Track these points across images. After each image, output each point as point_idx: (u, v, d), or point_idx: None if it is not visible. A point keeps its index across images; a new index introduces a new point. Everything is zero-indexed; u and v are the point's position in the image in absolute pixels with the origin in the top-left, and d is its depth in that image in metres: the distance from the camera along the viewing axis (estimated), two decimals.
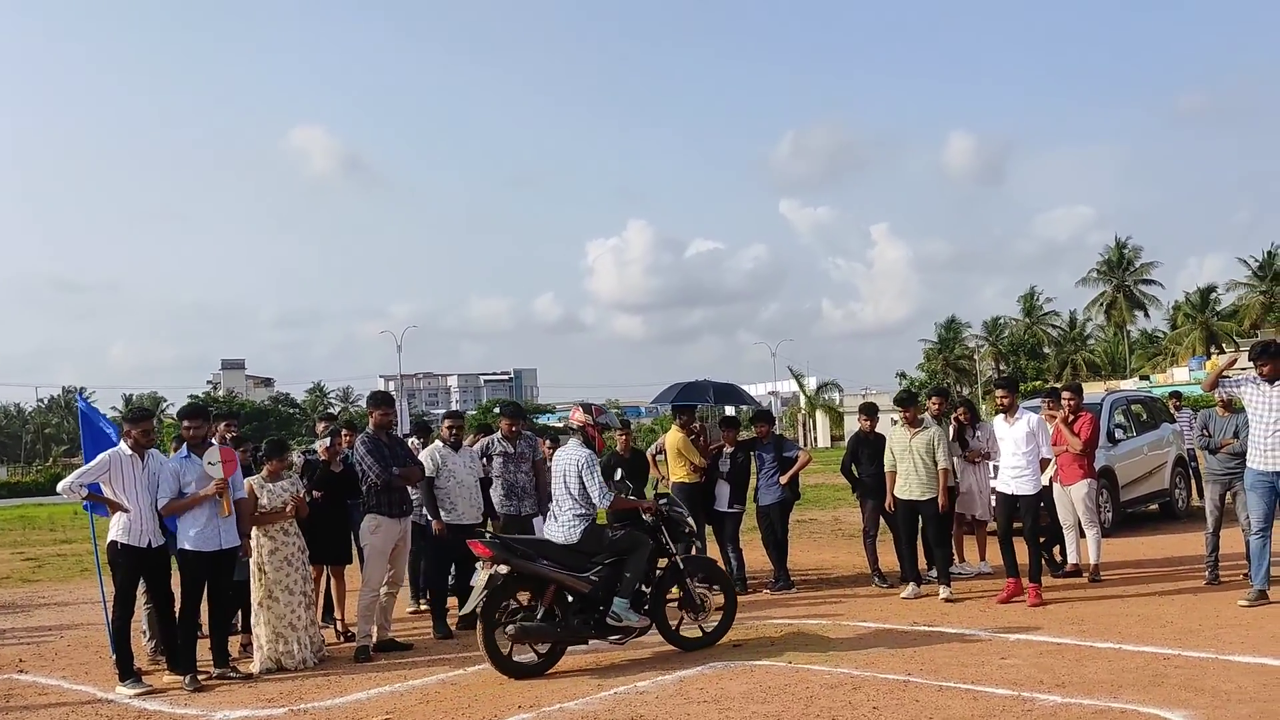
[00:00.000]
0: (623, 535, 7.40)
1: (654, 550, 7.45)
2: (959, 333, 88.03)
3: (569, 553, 7.21)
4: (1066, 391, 9.83)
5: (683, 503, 9.22)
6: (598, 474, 7.34)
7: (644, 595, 7.34)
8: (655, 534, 7.50)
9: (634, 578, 7.19)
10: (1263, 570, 8.08)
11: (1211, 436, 9.24)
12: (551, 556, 7.14)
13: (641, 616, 7.24)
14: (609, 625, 7.13)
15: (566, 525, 7.33)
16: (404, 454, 8.34)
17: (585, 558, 7.22)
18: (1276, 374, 8.00)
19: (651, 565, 7.44)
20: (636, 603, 7.24)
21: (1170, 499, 14.26)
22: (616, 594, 7.11)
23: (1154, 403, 15.92)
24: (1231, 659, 6.33)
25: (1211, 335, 70.07)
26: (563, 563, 7.13)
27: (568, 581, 7.09)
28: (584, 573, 7.15)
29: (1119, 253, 78.48)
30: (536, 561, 7.06)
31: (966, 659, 6.72)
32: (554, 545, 7.26)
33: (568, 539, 7.28)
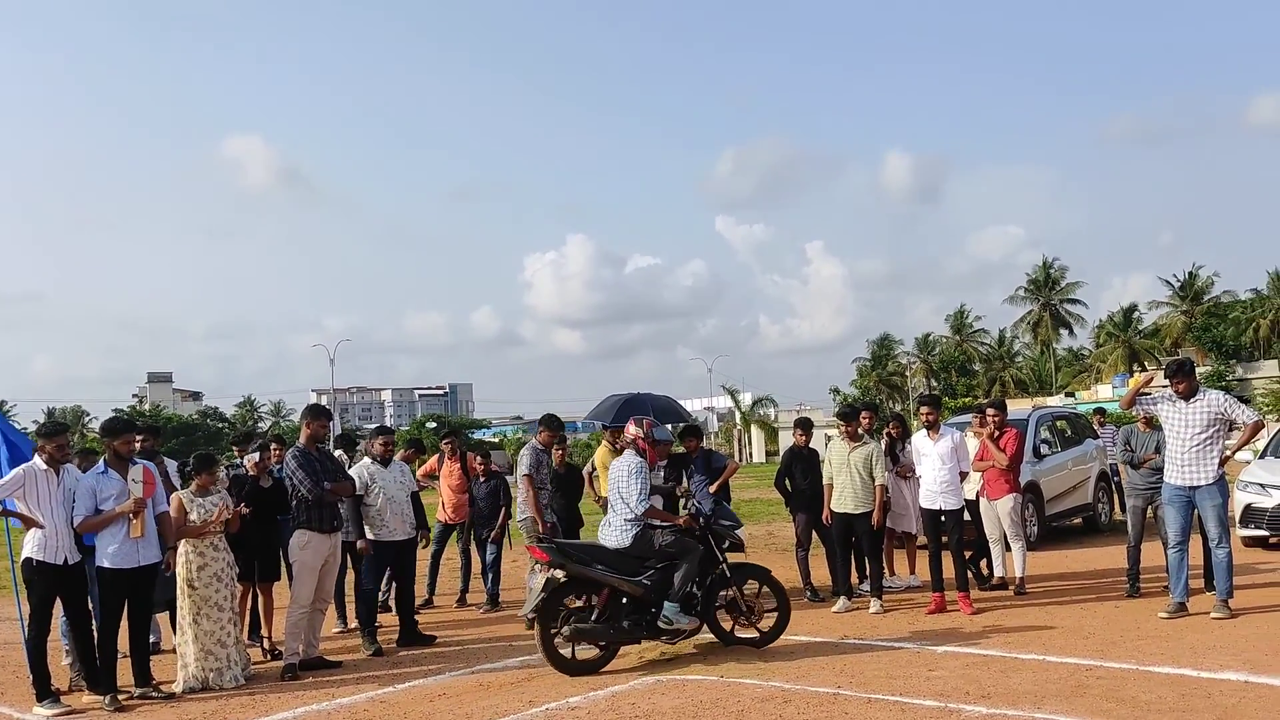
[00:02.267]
0: (673, 541, 7.56)
1: (705, 556, 7.64)
2: (892, 350, 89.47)
3: (622, 557, 7.48)
4: (991, 408, 10.03)
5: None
6: (637, 483, 7.56)
7: (694, 599, 7.58)
8: (705, 542, 7.70)
9: (684, 582, 7.42)
10: (1181, 583, 8.30)
11: (1134, 452, 9.49)
12: (605, 561, 7.45)
13: (691, 619, 7.51)
14: (660, 627, 7.39)
15: (619, 530, 7.57)
16: (335, 468, 8.23)
17: (638, 562, 7.50)
18: (1191, 391, 8.25)
19: (703, 571, 7.66)
20: (686, 606, 7.47)
21: (1094, 513, 14.60)
22: (667, 598, 7.36)
23: (1078, 419, 16.30)
24: (1152, 670, 6.49)
25: (1134, 353, 72.04)
26: (616, 567, 7.43)
27: (621, 585, 7.36)
28: (637, 577, 7.42)
29: (1045, 272, 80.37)
30: (591, 566, 7.39)
31: (895, 671, 6.80)
32: (608, 550, 7.53)
33: (620, 544, 7.52)
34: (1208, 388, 8.55)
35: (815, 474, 9.84)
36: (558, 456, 10.48)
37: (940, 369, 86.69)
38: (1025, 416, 14.02)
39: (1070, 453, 14.41)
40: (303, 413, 8.55)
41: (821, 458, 9.83)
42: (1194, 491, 8.23)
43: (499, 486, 10.63)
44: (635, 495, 7.53)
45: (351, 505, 8.57)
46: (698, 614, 7.58)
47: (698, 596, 7.61)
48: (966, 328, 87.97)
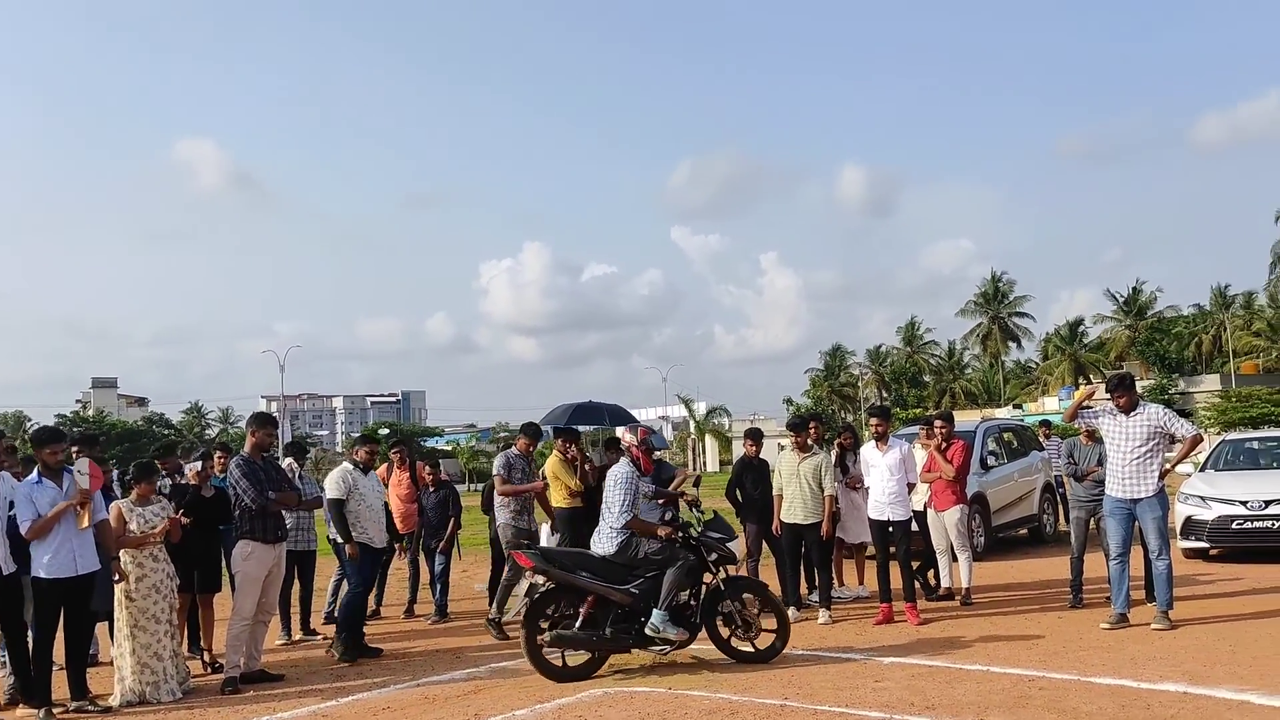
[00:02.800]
0: (659, 550, 7.48)
1: (697, 567, 7.56)
2: (844, 360, 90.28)
3: (609, 565, 7.43)
4: (939, 420, 10.12)
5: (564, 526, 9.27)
6: (623, 492, 7.55)
7: (689, 609, 7.51)
8: (697, 551, 7.61)
9: (670, 591, 7.32)
10: (1122, 594, 8.42)
11: (1077, 464, 9.64)
12: (591, 568, 7.40)
13: (680, 630, 7.36)
14: (647, 636, 7.31)
15: (606, 538, 7.54)
16: (280, 477, 8.10)
17: (626, 570, 7.42)
18: (1132, 405, 8.39)
19: (695, 581, 7.59)
20: (677, 616, 7.38)
21: (1039, 524, 14.80)
22: (655, 606, 7.28)
23: (1024, 431, 16.52)
24: (1093, 680, 6.56)
25: (1080, 366, 73.26)
26: (602, 574, 7.37)
27: (605, 593, 7.30)
28: (624, 585, 7.35)
29: (995, 286, 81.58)
30: (574, 573, 7.34)
31: (842, 682, 6.83)
32: (595, 557, 7.50)
33: (606, 551, 7.48)
34: (1148, 402, 8.69)
35: (766, 484, 9.86)
36: None
37: (892, 380, 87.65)
38: (972, 428, 14.18)
39: (1016, 464, 14.60)
40: (248, 420, 8.41)
41: (772, 468, 9.86)
42: (1135, 504, 8.35)
43: (448, 496, 10.54)
44: (619, 504, 7.52)
45: (336, 510, 8.50)
46: (690, 625, 7.47)
47: (693, 607, 7.55)
48: (918, 339, 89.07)
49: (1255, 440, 14.45)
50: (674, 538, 7.56)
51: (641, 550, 7.48)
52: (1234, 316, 71.13)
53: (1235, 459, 13.33)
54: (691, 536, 7.66)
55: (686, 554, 7.51)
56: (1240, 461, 13.27)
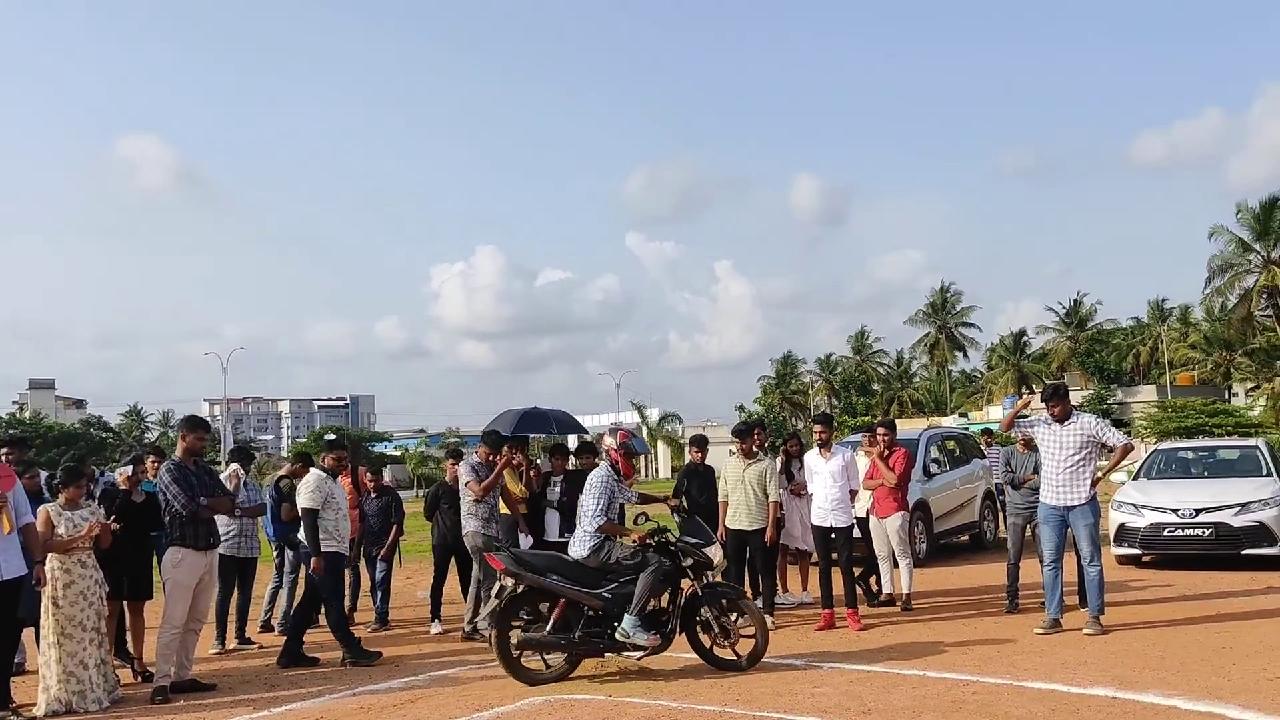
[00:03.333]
0: (633, 554, 7.40)
1: (672, 572, 7.47)
2: (795, 368, 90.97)
3: (581, 568, 7.38)
4: (882, 428, 10.22)
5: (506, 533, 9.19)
6: (598, 495, 7.51)
7: (664, 615, 7.42)
8: (675, 557, 7.48)
9: (641, 596, 7.23)
10: (1056, 600, 8.56)
11: (1014, 472, 9.78)
12: (564, 572, 7.36)
13: (651, 636, 7.25)
14: (617, 641, 7.24)
15: (580, 541, 7.50)
16: (213, 483, 7.96)
17: (599, 574, 7.35)
18: (1066, 414, 8.54)
19: (671, 587, 7.49)
20: (649, 622, 7.30)
21: (980, 530, 15.00)
22: (626, 612, 7.20)
23: (967, 439, 16.75)
24: (1025, 685, 6.65)
25: (1023, 376, 74.47)
26: (574, 578, 7.33)
27: (576, 596, 7.27)
28: (596, 589, 7.30)
29: (943, 297, 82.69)
30: (546, 576, 7.30)
31: (781, 688, 6.85)
32: (568, 561, 7.47)
33: (579, 555, 7.45)
34: (1081, 411, 8.85)
35: (711, 490, 9.89)
36: (453, 472, 10.33)
37: (841, 388, 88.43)
38: (916, 436, 14.34)
39: (958, 472, 14.79)
40: (179, 424, 8.25)
41: (718, 474, 9.89)
42: (1068, 511, 8.50)
43: (390, 502, 10.44)
44: (592, 508, 7.48)
45: (310, 520, 8.43)
46: (664, 631, 7.37)
47: (669, 613, 7.46)
48: (867, 348, 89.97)
49: (1187, 450, 14.77)
50: (647, 542, 7.48)
51: (614, 555, 7.42)
52: (1170, 329, 72.72)
53: (1168, 468, 13.61)
54: (668, 541, 7.54)
55: (660, 559, 7.42)
56: (1173, 470, 13.56)
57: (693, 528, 7.79)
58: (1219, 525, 11.44)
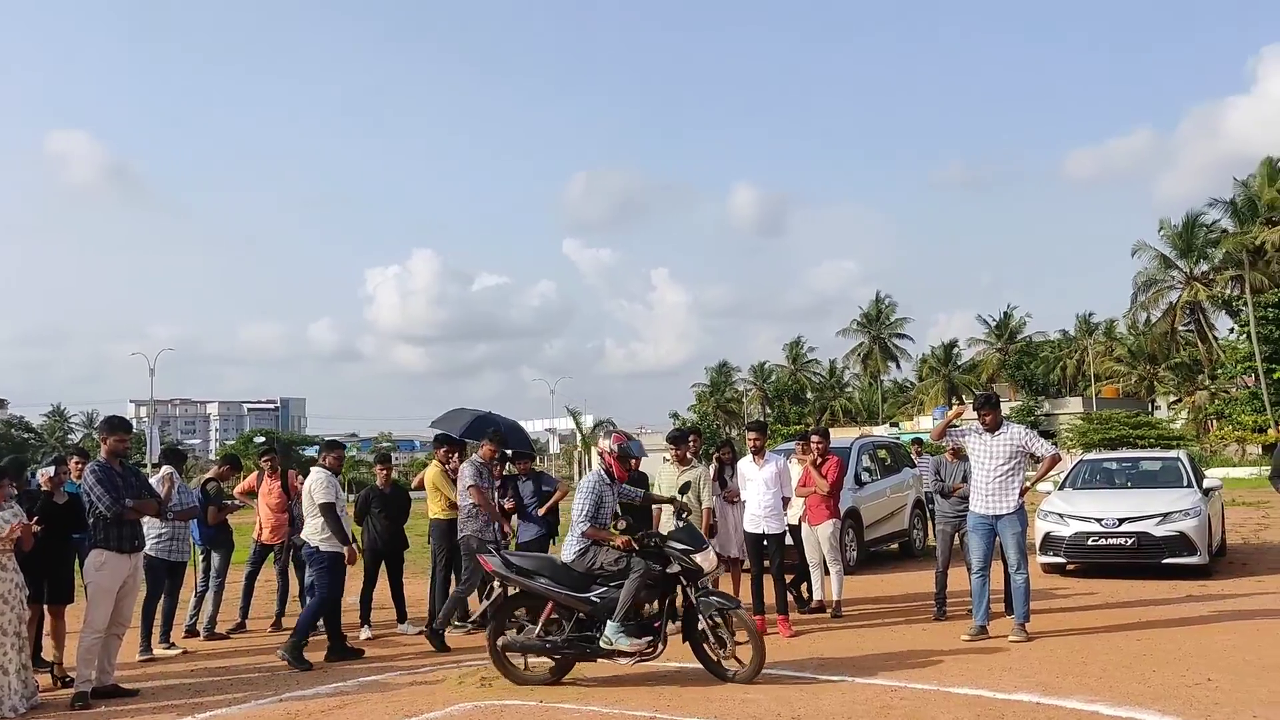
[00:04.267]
0: (617, 560, 7.22)
1: (662, 578, 7.27)
2: (730, 377, 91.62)
3: (570, 572, 7.27)
4: (815, 436, 10.32)
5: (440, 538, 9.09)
6: (583, 500, 7.38)
7: (656, 621, 7.23)
8: (664, 563, 7.25)
9: (625, 602, 7.06)
10: (983, 607, 8.71)
11: (943, 481, 9.94)
12: (553, 575, 7.27)
13: (634, 642, 7.06)
14: (601, 647, 7.10)
15: (569, 545, 7.39)
16: (140, 485, 7.77)
17: (588, 578, 7.22)
18: (996, 424, 8.70)
19: (664, 592, 7.33)
20: (636, 628, 7.12)
21: (909, 538, 15.22)
22: (610, 617, 7.06)
23: (897, 448, 16.99)
24: (951, 691, 6.75)
25: (953, 387, 75.87)
26: (563, 582, 7.22)
27: (564, 600, 7.17)
28: (585, 593, 7.18)
29: (877, 307, 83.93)
30: (533, 579, 7.23)
31: (712, 695, 6.87)
32: (558, 564, 7.37)
33: (567, 559, 7.35)
34: (1011, 422, 9.02)
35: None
36: (382, 476, 10.22)
37: (775, 396, 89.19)
38: (848, 445, 14.51)
39: (889, 480, 14.99)
40: (100, 425, 8.04)
41: (652, 481, 9.90)
42: (996, 520, 8.65)
43: None
44: (578, 512, 7.36)
45: (330, 514, 8.55)
46: (655, 637, 7.16)
47: (663, 618, 7.24)
48: (801, 357, 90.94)
49: (1111, 461, 15.15)
50: (631, 548, 7.22)
51: (599, 560, 7.26)
52: (1096, 343, 74.59)
53: (1092, 478, 13.94)
54: (657, 546, 7.28)
55: (647, 564, 7.16)
56: (1097, 481, 13.89)
57: (684, 533, 7.51)
58: (1141, 535, 11.73)
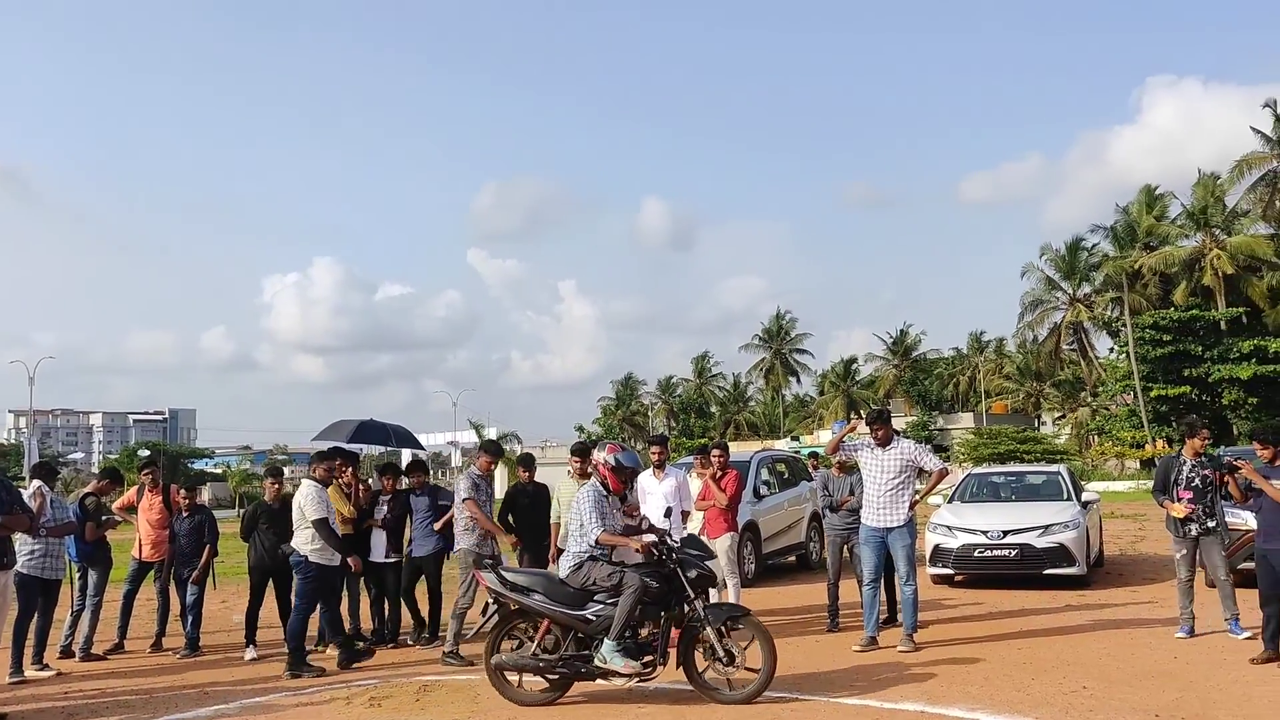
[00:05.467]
0: (610, 575, 6.89)
1: (664, 593, 6.90)
2: (636, 390, 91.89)
3: (566, 588, 7.02)
4: (717, 449, 10.39)
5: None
6: (590, 509, 7.08)
7: (653, 639, 6.90)
8: (668, 577, 6.89)
9: (621, 620, 6.73)
10: (873, 618, 8.87)
11: (831, 495, 10.10)
12: (547, 592, 7.03)
13: (629, 663, 6.74)
14: (596, 667, 6.82)
15: (566, 559, 7.18)
16: (11, 499, 7.41)
17: (585, 594, 6.94)
18: (888, 439, 8.88)
19: (662, 609, 6.92)
20: (634, 648, 6.80)
21: (806, 551, 15.43)
22: (606, 635, 6.77)
23: (796, 462, 17.23)
24: (841, 702, 6.85)
25: (852, 402, 77.41)
26: (558, 599, 6.98)
27: (559, 617, 6.94)
28: (581, 610, 6.92)
29: (779, 323, 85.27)
30: (528, 596, 7.02)
31: (608, 710, 6.85)
32: (554, 580, 7.14)
33: (563, 574, 7.13)
34: (902, 436, 9.21)
35: (539, 510, 9.85)
36: (273, 490, 9.94)
37: (680, 410, 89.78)
38: (747, 459, 14.65)
39: (787, 494, 15.18)
40: None
41: (552, 493, 9.84)
42: (887, 533, 8.83)
43: (203, 522, 9.93)
44: (588, 521, 7.05)
45: (324, 527, 8.56)
46: (647, 658, 6.83)
47: (663, 636, 6.88)
48: (707, 371, 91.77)
49: (997, 475, 15.61)
50: (651, 552, 6.90)
51: (592, 576, 6.96)
52: (987, 360, 77.04)
53: (980, 491, 14.34)
54: (670, 555, 6.95)
55: (643, 580, 6.81)
56: (984, 494, 14.29)
57: (693, 543, 7.30)
58: (1024, 546, 12.11)
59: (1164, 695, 6.80)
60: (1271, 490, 7.74)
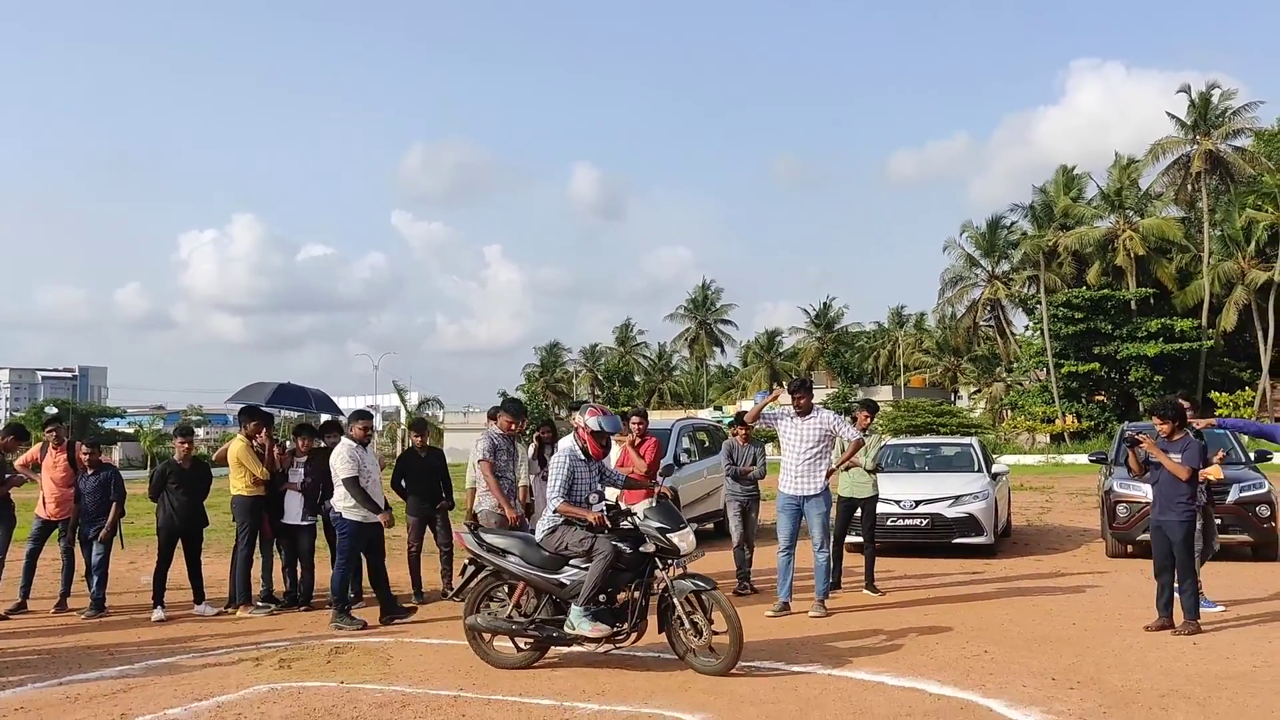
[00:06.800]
0: (582, 540, 6.79)
1: (636, 560, 6.80)
2: (560, 357, 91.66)
3: (542, 552, 6.96)
4: (636, 416, 10.43)
5: (244, 514, 8.73)
6: (554, 475, 7.03)
7: (629, 605, 6.79)
8: (637, 544, 6.79)
9: (590, 586, 6.64)
10: (786, 584, 9.02)
11: (735, 464, 10.20)
12: (525, 555, 6.98)
13: (597, 627, 6.65)
14: (565, 633, 6.76)
15: (542, 523, 7.10)
16: None
17: (562, 559, 6.85)
18: (808, 409, 9.01)
19: (637, 577, 6.83)
20: (607, 613, 6.72)
21: (725, 519, 15.56)
22: (575, 601, 6.69)
23: (716, 430, 17.37)
24: (753, 665, 6.94)
25: (775, 373, 78.30)
26: (534, 562, 6.93)
27: (534, 581, 6.92)
28: (557, 574, 6.87)
29: (704, 294, 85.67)
30: (504, 558, 6.98)
31: (519, 673, 6.87)
32: (532, 544, 7.05)
33: (539, 538, 7.06)
34: (821, 407, 9.33)
35: (434, 475, 9.89)
36: (182, 450, 9.72)
37: (605, 378, 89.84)
38: (668, 427, 14.74)
39: (707, 462, 15.29)
40: None
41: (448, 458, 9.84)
42: (804, 500, 8.97)
43: (109, 480, 9.67)
44: (553, 486, 7.01)
45: (354, 486, 8.57)
46: (630, 623, 6.76)
47: (637, 603, 6.79)
48: (631, 340, 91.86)
49: (912, 446, 15.94)
50: (604, 525, 6.80)
51: (565, 541, 6.87)
52: (907, 335, 78.47)
53: (895, 462, 14.63)
54: (631, 525, 6.84)
55: (615, 546, 6.72)
56: (898, 465, 14.59)
57: (661, 512, 6.96)
58: (935, 516, 12.43)
59: (1061, 659, 7.05)
60: (1169, 463, 8.03)
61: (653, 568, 6.86)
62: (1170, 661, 6.98)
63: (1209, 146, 50.73)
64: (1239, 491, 11.67)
